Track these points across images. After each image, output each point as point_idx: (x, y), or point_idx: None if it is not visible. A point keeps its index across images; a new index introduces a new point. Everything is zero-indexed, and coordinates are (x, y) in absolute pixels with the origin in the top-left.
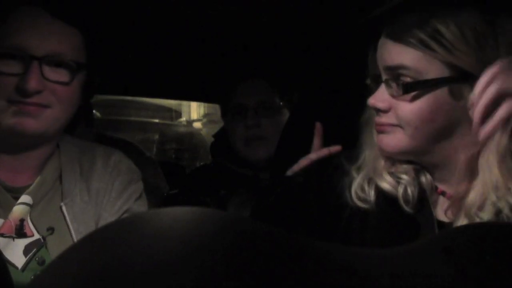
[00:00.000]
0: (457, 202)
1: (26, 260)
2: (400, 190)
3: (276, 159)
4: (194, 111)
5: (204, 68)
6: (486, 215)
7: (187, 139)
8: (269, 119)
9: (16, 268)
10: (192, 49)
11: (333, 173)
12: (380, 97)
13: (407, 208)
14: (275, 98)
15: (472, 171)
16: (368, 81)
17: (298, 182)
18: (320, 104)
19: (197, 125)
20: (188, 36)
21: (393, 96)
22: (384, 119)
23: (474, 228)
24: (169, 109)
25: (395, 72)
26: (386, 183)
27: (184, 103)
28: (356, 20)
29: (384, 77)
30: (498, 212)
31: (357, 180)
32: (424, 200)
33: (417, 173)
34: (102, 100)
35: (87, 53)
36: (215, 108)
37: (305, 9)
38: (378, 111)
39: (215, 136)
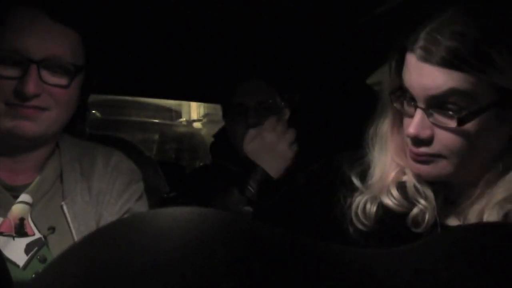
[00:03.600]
0: (470, 214)
1: (28, 259)
2: (414, 212)
3: None
4: (194, 111)
5: (204, 68)
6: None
7: (187, 139)
8: None
9: (18, 266)
10: (192, 49)
11: (335, 175)
12: (421, 126)
13: (415, 230)
14: (276, 98)
15: (493, 186)
16: (387, 92)
17: (300, 183)
18: (321, 104)
19: (197, 125)
20: (188, 36)
21: (434, 124)
22: (424, 149)
23: (474, 228)
24: (169, 109)
25: (440, 100)
26: (391, 201)
27: (184, 103)
28: (357, 20)
29: (423, 105)
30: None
31: (361, 200)
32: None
33: (436, 194)
34: (102, 100)
35: (85, 55)
36: (215, 108)
37: (305, 9)
38: (417, 140)
39: (215, 136)
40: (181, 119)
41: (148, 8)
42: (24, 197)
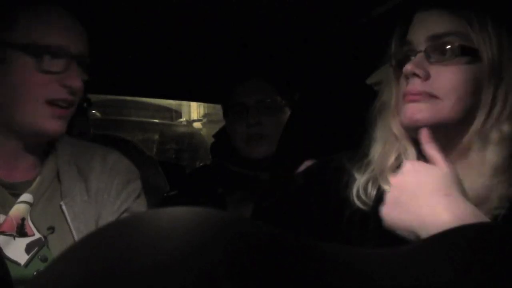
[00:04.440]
0: None
1: (29, 258)
2: None
3: (276, 158)
4: (194, 111)
5: (204, 68)
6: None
7: (187, 139)
8: (270, 117)
9: (19, 265)
10: (192, 49)
11: (334, 174)
12: (419, 64)
13: None
14: (276, 97)
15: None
16: (392, 64)
17: (299, 183)
18: (321, 103)
19: (197, 125)
20: (188, 36)
21: (432, 64)
22: (420, 86)
23: (474, 228)
24: (169, 109)
25: (440, 41)
26: (389, 187)
27: (184, 103)
28: (357, 20)
29: (423, 47)
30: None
31: (361, 180)
32: None
33: None
34: (102, 100)
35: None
36: (215, 108)
37: (305, 8)
38: (414, 77)
39: (215, 136)
40: (181, 119)
41: (148, 7)
42: (26, 197)
